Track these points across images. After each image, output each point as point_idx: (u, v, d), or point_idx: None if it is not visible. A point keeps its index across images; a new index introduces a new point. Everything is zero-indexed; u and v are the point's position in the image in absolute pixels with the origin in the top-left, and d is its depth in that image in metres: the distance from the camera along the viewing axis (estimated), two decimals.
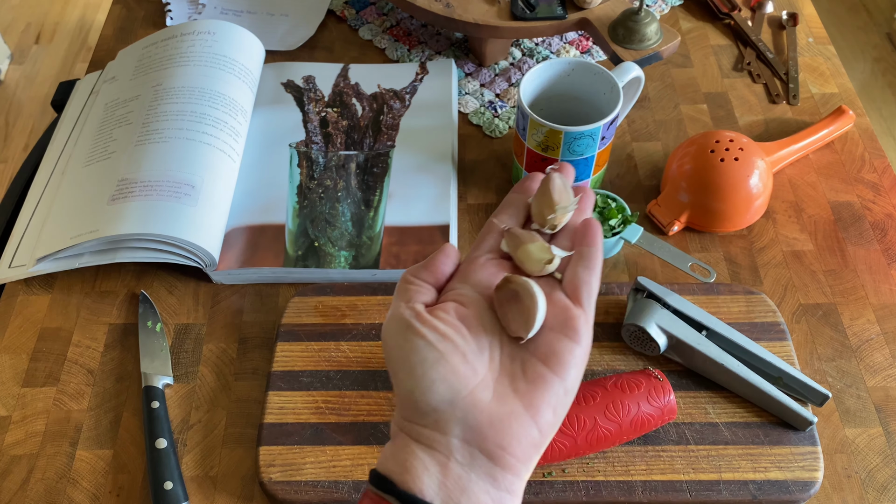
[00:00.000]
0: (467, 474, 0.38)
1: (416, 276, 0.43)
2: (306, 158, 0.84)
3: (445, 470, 0.38)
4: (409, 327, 0.40)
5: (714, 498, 0.61)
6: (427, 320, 0.40)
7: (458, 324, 0.40)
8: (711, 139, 0.78)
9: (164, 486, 0.63)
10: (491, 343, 0.41)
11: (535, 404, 0.39)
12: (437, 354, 0.39)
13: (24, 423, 0.68)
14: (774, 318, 0.71)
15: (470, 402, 0.38)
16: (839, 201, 0.83)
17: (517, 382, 0.40)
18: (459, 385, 0.38)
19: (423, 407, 0.39)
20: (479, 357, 0.40)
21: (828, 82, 0.94)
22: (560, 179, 0.46)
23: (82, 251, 0.75)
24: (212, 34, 0.89)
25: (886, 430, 0.67)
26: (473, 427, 0.38)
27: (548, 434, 0.40)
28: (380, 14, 1.02)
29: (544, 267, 0.43)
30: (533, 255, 0.44)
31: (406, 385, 0.39)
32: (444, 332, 0.39)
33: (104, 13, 2.39)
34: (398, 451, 0.39)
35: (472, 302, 0.42)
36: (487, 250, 0.45)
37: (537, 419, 0.39)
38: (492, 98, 0.92)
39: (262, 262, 0.75)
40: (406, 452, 0.39)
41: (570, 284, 0.42)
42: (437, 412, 0.38)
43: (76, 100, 0.92)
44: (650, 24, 0.84)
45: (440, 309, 0.41)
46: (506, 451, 0.38)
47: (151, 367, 0.70)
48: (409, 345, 0.39)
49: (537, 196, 0.47)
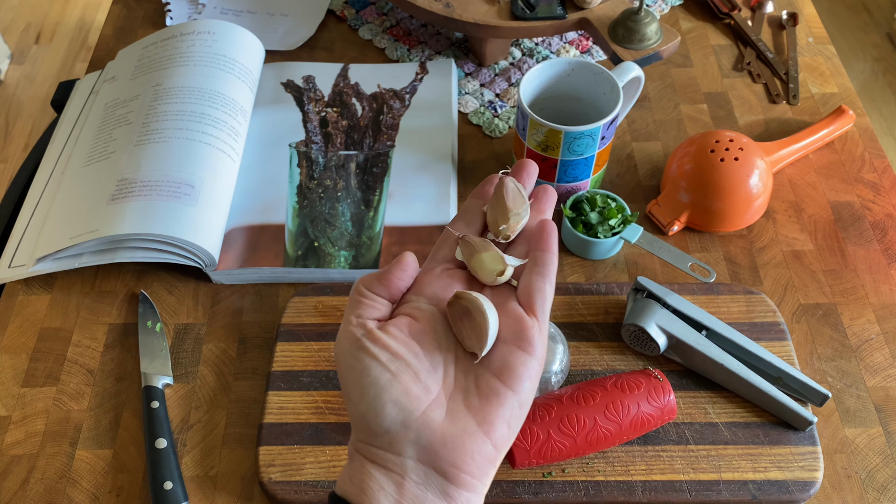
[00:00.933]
0: (423, 493, 0.38)
1: (370, 289, 0.42)
2: (306, 158, 0.84)
3: (401, 490, 0.38)
4: (360, 347, 0.39)
5: (714, 498, 0.61)
6: (378, 339, 0.39)
7: (411, 341, 0.40)
8: (711, 139, 0.78)
9: (163, 486, 0.63)
10: (445, 359, 0.41)
11: (489, 420, 0.39)
12: (389, 376, 0.39)
13: (23, 423, 0.68)
14: (774, 318, 0.71)
15: (422, 423, 0.38)
16: (839, 201, 0.83)
17: (471, 398, 0.40)
18: (412, 407, 0.38)
19: (375, 429, 0.39)
20: (433, 375, 0.40)
21: (828, 82, 0.94)
22: (513, 184, 0.45)
23: (82, 251, 0.75)
24: (212, 34, 0.89)
25: (886, 429, 0.67)
26: (427, 447, 0.38)
27: (503, 448, 0.40)
28: (380, 14, 1.02)
29: (496, 278, 0.43)
30: (486, 264, 0.43)
31: (358, 408, 0.39)
32: (396, 350, 0.39)
33: (104, 13, 2.39)
34: (355, 473, 0.39)
35: (426, 316, 0.42)
36: (443, 260, 0.45)
37: (491, 435, 0.39)
38: (492, 98, 0.92)
39: (261, 262, 0.75)
40: (362, 474, 0.39)
41: (524, 293, 0.42)
42: (389, 434, 0.39)
43: (76, 100, 0.92)
44: (650, 24, 0.84)
45: (393, 325, 0.41)
46: (460, 469, 0.38)
47: (151, 367, 0.70)
48: (361, 365, 0.39)
49: (491, 203, 0.45)
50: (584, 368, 0.68)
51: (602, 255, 0.78)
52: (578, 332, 0.70)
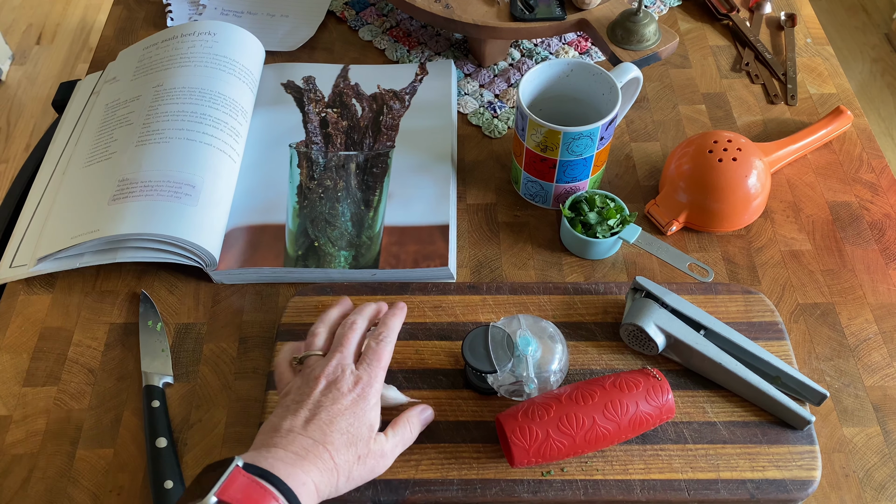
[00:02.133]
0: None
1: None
2: (306, 159, 0.84)
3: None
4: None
5: (712, 497, 0.61)
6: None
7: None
8: (710, 139, 0.78)
9: (164, 486, 0.63)
10: None
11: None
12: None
13: (24, 423, 0.68)
14: (772, 318, 0.71)
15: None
16: (837, 201, 0.83)
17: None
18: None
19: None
20: None
21: (826, 83, 0.95)
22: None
23: (83, 251, 0.75)
24: (212, 35, 0.89)
25: (884, 429, 0.67)
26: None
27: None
28: (380, 15, 1.03)
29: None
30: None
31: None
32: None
33: (105, 14, 2.39)
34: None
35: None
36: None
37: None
38: (491, 99, 0.93)
39: (262, 262, 0.76)
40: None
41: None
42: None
43: (77, 100, 0.92)
44: (649, 25, 0.84)
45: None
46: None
47: (152, 366, 0.71)
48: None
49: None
50: (582, 368, 0.68)
51: (601, 255, 0.78)
52: (577, 331, 0.71)
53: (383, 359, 0.61)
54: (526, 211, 0.82)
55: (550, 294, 0.73)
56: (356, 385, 0.58)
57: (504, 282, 0.75)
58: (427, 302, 0.72)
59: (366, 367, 0.60)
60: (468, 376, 0.67)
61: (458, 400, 0.67)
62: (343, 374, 0.59)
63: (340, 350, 0.60)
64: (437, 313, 0.72)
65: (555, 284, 0.73)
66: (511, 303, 0.72)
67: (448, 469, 0.63)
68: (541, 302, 0.72)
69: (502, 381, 0.63)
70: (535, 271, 0.77)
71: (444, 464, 0.63)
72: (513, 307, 0.72)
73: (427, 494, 0.62)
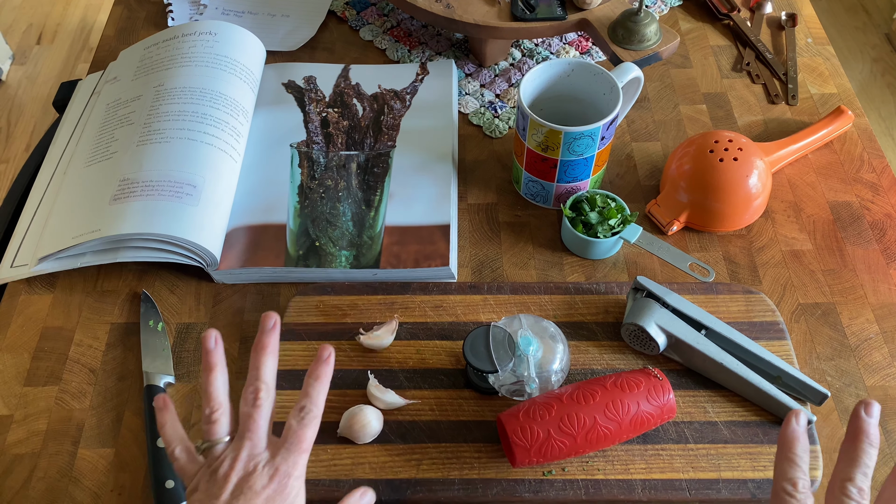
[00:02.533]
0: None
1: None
2: (307, 158, 0.84)
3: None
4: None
5: (713, 496, 0.61)
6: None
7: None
8: (710, 139, 0.78)
9: (165, 485, 0.63)
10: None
11: None
12: None
13: (26, 422, 0.69)
14: (773, 318, 0.71)
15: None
16: (838, 201, 0.83)
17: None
18: None
19: None
20: None
21: (827, 83, 0.95)
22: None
23: (84, 251, 0.75)
24: (213, 35, 0.89)
25: (885, 429, 0.67)
26: None
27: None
28: (380, 15, 1.03)
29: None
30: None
31: None
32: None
33: (106, 14, 2.39)
34: None
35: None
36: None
37: None
38: (492, 98, 0.93)
39: (263, 262, 0.76)
40: None
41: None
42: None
43: (78, 100, 0.92)
44: (649, 25, 0.84)
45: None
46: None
47: (153, 366, 0.71)
48: None
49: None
50: (583, 367, 0.69)
51: (602, 255, 0.78)
52: (578, 331, 0.71)
53: (304, 441, 0.52)
54: (527, 211, 0.82)
55: (551, 294, 0.73)
56: (272, 480, 0.51)
57: (505, 281, 0.75)
58: (428, 302, 0.72)
59: (284, 454, 0.52)
60: (469, 376, 0.67)
61: (460, 400, 0.67)
62: (255, 470, 0.51)
63: (249, 437, 0.53)
64: (438, 313, 0.72)
65: (556, 284, 0.74)
66: (512, 302, 0.72)
67: (449, 469, 0.63)
68: (542, 302, 0.72)
69: (503, 380, 0.63)
70: (536, 271, 0.77)
71: (445, 463, 0.63)
72: (514, 307, 0.72)
73: (428, 494, 0.62)
